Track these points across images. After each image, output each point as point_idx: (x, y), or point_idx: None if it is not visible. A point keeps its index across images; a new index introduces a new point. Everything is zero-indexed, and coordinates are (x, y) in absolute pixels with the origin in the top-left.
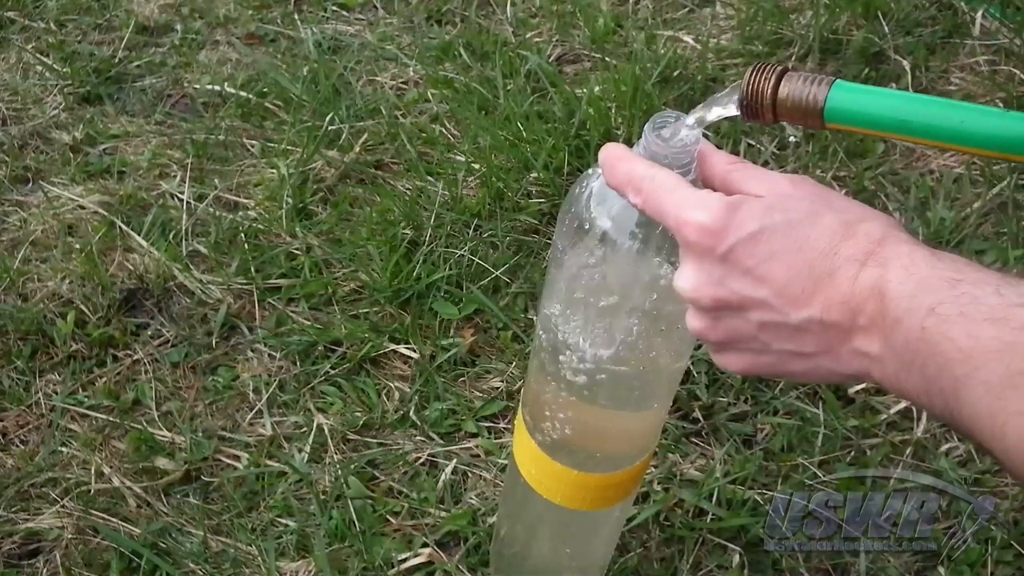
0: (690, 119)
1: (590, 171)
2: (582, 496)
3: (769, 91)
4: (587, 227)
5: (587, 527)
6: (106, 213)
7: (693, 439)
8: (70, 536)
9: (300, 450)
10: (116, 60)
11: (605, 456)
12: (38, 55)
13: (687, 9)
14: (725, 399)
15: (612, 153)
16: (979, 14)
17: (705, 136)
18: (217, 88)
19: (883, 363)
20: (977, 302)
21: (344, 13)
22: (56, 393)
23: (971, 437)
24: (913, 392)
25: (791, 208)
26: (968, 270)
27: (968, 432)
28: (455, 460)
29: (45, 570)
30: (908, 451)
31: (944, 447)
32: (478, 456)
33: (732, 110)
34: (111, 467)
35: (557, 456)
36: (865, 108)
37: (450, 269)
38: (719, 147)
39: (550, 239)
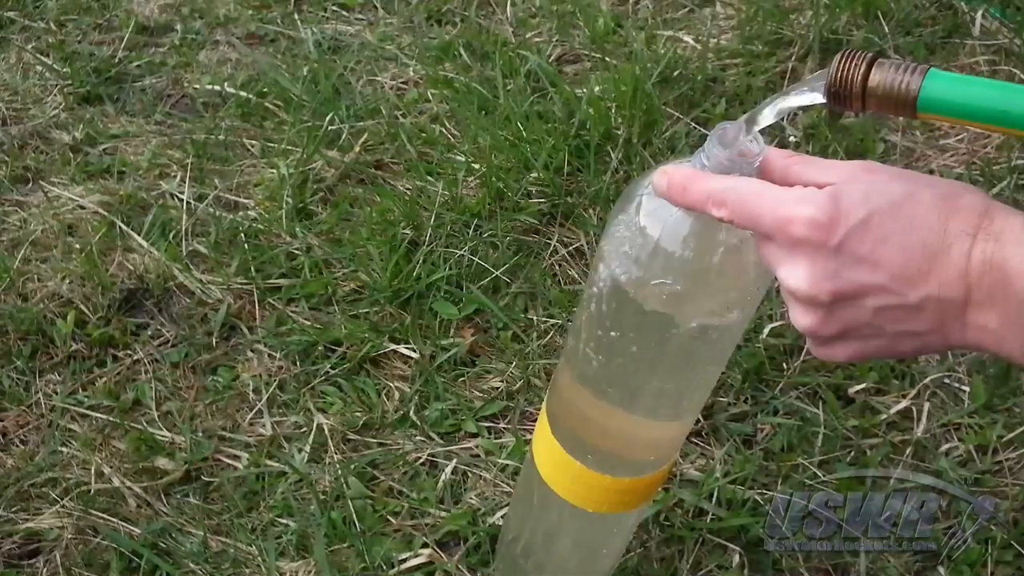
0: (769, 109)
1: (635, 190)
2: (608, 499)
3: (859, 79)
4: (640, 240)
5: (604, 530)
6: (106, 213)
7: (693, 439)
8: (70, 536)
9: (300, 450)
10: (116, 60)
11: (633, 461)
12: (38, 55)
13: (687, 9)
14: (725, 399)
15: (679, 175)
16: (979, 14)
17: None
18: (217, 88)
19: (1003, 338)
20: None
21: (344, 13)
22: (56, 393)
23: None
24: None
25: (888, 191)
26: None
27: None
28: (455, 460)
29: (45, 570)
30: (908, 451)
31: (944, 447)
32: (478, 456)
33: (817, 98)
34: (111, 467)
35: (583, 459)
36: (961, 98)
37: (450, 269)
38: None
39: (550, 239)
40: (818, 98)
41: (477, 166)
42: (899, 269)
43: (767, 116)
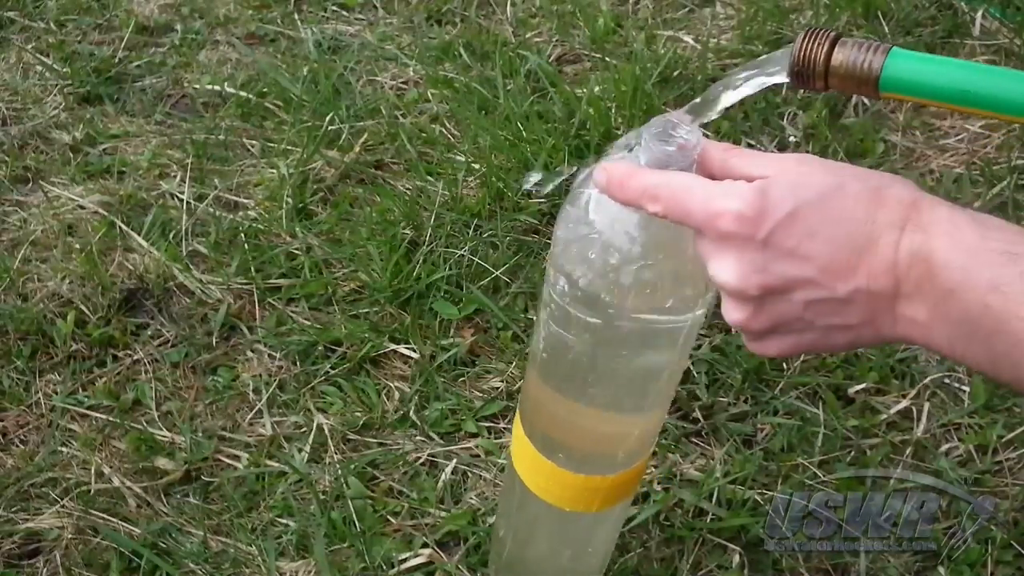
0: (734, 89)
1: (577, 191)
2: (581, 498)
3: (822, 58)
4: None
5: (585, 528)
6: (106, 213)
7: (693, 439)
8: (70, 536)
9: (300, 450)
10: (116, 60)
11: (601, 458)
12: (38, 55)
13: (687, 9)
14: (725, 399)
15: (617, 171)
16: (979, 14)
17: (705, 135)
18: (217, 88)
19: (931, 330)
20: None
21: (344, 13)
22: (56, 393)
23: None
24: (973, 360)
25: (816, 183)
26: (1022, 242)
27: None
28: (455, 460)
29: (45, 570)
30: (908, 451)
31: (944, 447)
32: (478, 456)
33: (781, 77)
34: (111, 467)
35: (554, 458)
36: (923, 77)
37: (450, 269)
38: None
39: (550, 239)
40: (781, 78)
41: (477, 166)
42: (827, 262)
43: (730, 97)
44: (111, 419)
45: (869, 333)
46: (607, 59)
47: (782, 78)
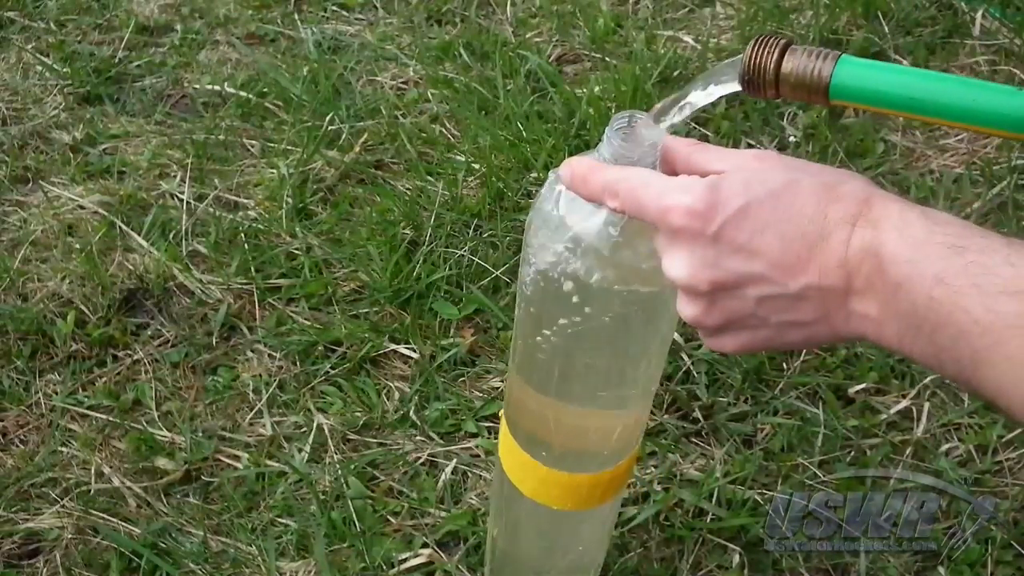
0: (691, 96)
1: (548, 188)
2: (567, 496)
3: (772, 65)
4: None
5: (573, 527)
6: (106, 213)
7: (693, 439)
8: (70, 536)
9: (300, 450)
10: (116, 60)
11: (585, 455)
12: (38, 55)
13: (687, 9)
14: (725, 399)
15: (579, 167)
16: (979, 14)
17: (705, 137)
18: (217, 88)
19: (882, 325)
20: (989, 273)
21: (344, 13)
22: (56, 393)
23: (993, 404)
24: (920, 355)
25: (769, 179)
26: (969, 235)
27: (990, 399)
28: (455, 460)
29: (45, 570)
30: (908, 451)
31: (944, 447)
32: (478, 456)
33: (733, 85)
34: (111, 467)
35: (538, 456)
36: (872, 84)
37: (450, 269)
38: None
39: None
40: (733, 86)
41: (477, 166)
42: (777, 258)
43: (685, 107)
44: (111, 419)
45: (824, 330)
46: (607, 59)
47: (734, 86)
